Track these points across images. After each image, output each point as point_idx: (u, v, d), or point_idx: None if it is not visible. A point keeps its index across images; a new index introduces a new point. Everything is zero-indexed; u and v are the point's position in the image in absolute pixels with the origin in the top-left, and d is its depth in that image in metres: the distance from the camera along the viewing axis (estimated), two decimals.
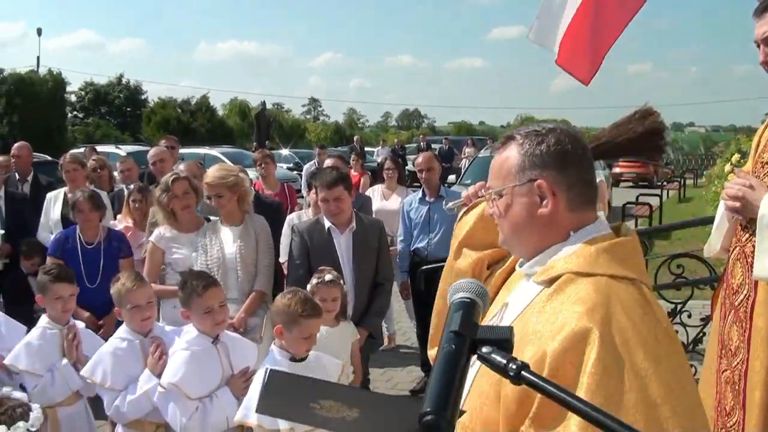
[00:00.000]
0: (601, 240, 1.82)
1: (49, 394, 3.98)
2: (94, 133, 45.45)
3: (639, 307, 1.72)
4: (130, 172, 7.57)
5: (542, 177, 1.84)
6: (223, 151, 23.82)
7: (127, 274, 3.98)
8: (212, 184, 5.07)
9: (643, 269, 1.86)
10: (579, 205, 1.86)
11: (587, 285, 1.73)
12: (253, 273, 5.15)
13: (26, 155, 8.15)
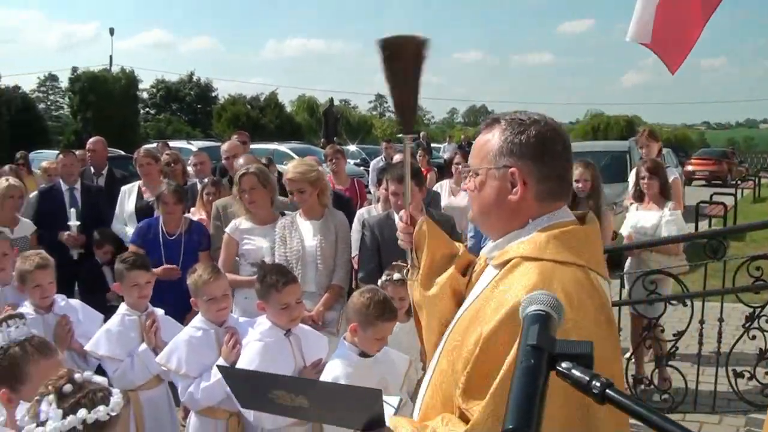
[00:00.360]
0: (556, 227, 1.89)
1: (129, 378, 4.09)
2: (166, 128, 46.44)
3: (583, 291, 1.79)
4: (203, 165, 7.71)
5: (516, 165, 1.92)
6: (291, 146, 24.07)
7: (204, 265, 4.05)
8: (294, 180, 5.11)
9: (596, 257, 1.91)
10: (547, 197, 1.94)
11: (532, 268, 1.82)
12: (332, 267, 5.17)
13: (101, 149, 8.38)
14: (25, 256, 4.45)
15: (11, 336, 2.52)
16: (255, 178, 5.28)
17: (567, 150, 1.99)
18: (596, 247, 1.96)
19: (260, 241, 5.28)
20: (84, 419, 2.01)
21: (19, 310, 4.02)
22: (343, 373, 3.38)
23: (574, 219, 1.96)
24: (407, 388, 3.77)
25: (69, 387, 2.07)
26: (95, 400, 2.06)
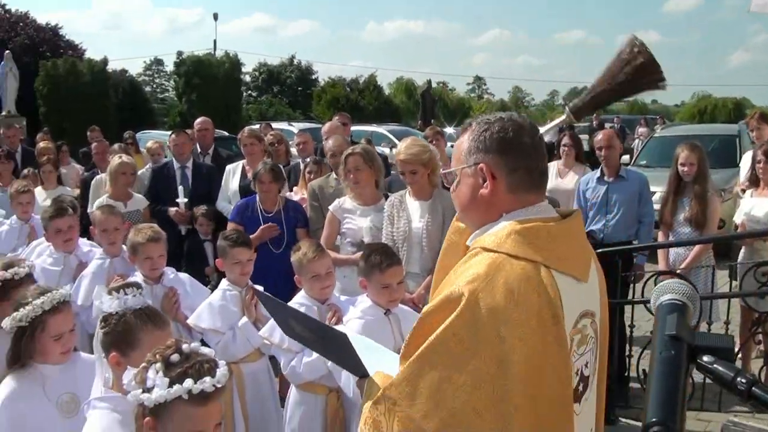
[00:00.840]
0: (525, 222, 1.96)
1: (231, 351, 4.17)
2: (267, 111, 47.33)
3: (529, 286, 1.86)
4: (305, 145, 7.78)
5: (484, 160, 2.02)
6: (389, 128, 24.10)
7: (308, 243, 4.07)
8: (407, 161, 5.06)
9: (555, 254, 1.95)
10: (519, 188, 2.02)
11: (484, 260, 1.92)
12: (437, 249, 5.09)
13: (210, 130, 8.56)
14: (138, 228, 4.60)
15: (127, 303, 2.59)
16: (360, 158, 5.27)
17: (535, 142, 2.06)
18: (565, 244, 2.00)
19: (361, 221, 5.29)
20: (189, 389, 2.03)
21: (128, 281, 4.17)
22: None
23: (549, 216, 2.03)
24: None
25: (176, 356, 2.09)
26: (201, 371, 2.08)
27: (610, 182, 6.40)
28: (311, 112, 46.43)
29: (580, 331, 2.02)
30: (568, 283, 1.95)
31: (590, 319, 2.08)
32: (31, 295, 2.96)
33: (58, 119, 28.21)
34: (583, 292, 2.04)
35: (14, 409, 2.85)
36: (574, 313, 1.99)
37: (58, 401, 2.92)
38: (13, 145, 9.70)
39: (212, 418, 2.11)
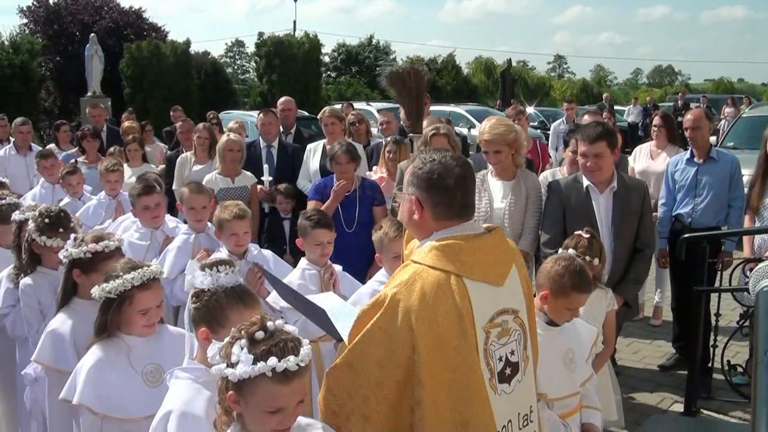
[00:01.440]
0: (446, 240, 2.45)
1: (309, 330, 4.15)
2: (346, 91, 47.45)
3: (440, 291, 2.35)
4: (389, 125, 7.75)
5: (415, 194, 2.53)
6: (468, 108, 23.88)
7: (390, 223, 4.03)
8: (492, 140, 4.97)
9: (467, 265, 2.42)
10: (441, 217, 2.50)
11: (410, 269, 2.44)
12: (519, 231, 5.02)
13: (292, 109, 8.61)
14: (225, 205, 4.65)
15: (219, 281, 2.61)
16: (445, 139, 5.21)
17: (459, 181, 2.50)
18: (479, 256, 2.47)
19: None
20: (273, 367, 2.04)
21: (214, 256, 4.25)
22: None
23: (469, 233, 2.49)
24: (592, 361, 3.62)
25: (261, 334, 2.10)
26: (285, 350, 2.08)
27: (700, 164, 6.16)
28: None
29: (499, 326, 2.51)
30: (481, 288, 2.45)
31: (512, 315, 2.56)
32: (122, 268, 3.01)
33: (142, 100, 28.99)
34: (499, 294, 2.52)
35: (100, 377, 2.92)
36: (489, 312, 2.47)
37: (143, 371, 2.99)
38: (99, 125, 9.97)
39: (294, 396, 2.12)
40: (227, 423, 2.17)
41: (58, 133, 10.25)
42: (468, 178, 2.55)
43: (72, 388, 2.96)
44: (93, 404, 2.90)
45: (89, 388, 2.91)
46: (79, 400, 2.90)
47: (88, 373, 2.93)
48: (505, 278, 2.55)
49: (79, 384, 2.92)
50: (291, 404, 2.12)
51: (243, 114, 17.91)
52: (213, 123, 10.97)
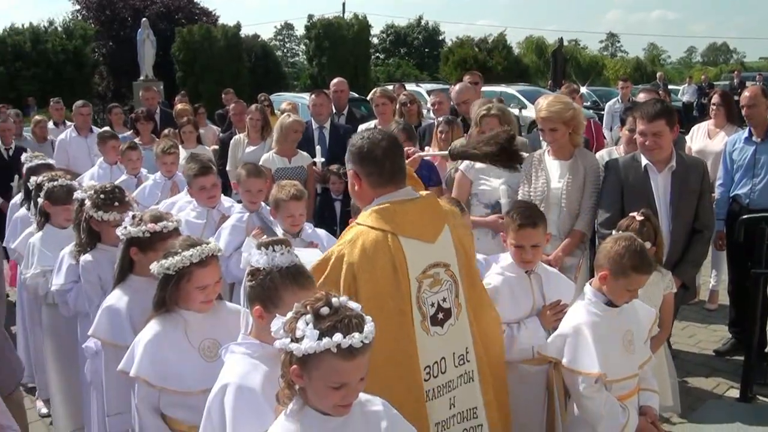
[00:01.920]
0: (381, 205, 2.90)
1: None
2: (395, 72, 47.39)
3: (377, 247, 2.81)
4: (441, 105, 7.70)
5: (353, 169, 3.00)
6: (519, 89, 23.64)
7: (446, 201, 3.98)
8: (548, 118, 4.90)
9: (401, 225, 2.86)
10: (376, 185, 2.95)
11: (353, 230, 2.90)
12: (576, 212, 4.93)
13: (345, 91, 8.62)
14: (282, 185, 4.69)
15: (275, 261, 2.61)
16: (497, 120, 5.15)
17: (385, 152, 2.92)
18: (412, 217, 2.91)
19: (495, 182, 5.18)
20: (339, 344, 2.05)
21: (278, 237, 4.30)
22: (587, 321, 3.23)
23: (403, 198, 2.94)
24: None
25: (326, 309, 2.11)
26: (350, 326, 2.09)
27: (758, 143, 5.97)
28: (438, 73, 46.10)
29: (431, 277, 2.94)
30: (414, 244, 2.89)
31: (443, 268, 2.99)
32: (181, 245, 3.06)
33: (193, 84, 29.36)
34: (431, 249, 2.95)
35: (158, 352, 2.98)
36: (421, 264, 2.91)
37: (200, 346, 3.04)
38: (152, 107, 10.09)
39: (357, 373, 2.13)
40: (289, 396, 2.19)
41: (110, 116, 10.42)
42: (393, 148, 2.98)
43: (130, 360, 3.03)
44: (150, 376, 2.96)
45: (147, 361, 2.97)
46: (136, 373, 2.97)
47: (145, 346, 2.99)
48: (437, 236, 2.98)
49: (137, 357, 2.99)
50: (354, 380, 2.14)
51: (294, 96, 18.00)
52: (265, 105, 11.04)
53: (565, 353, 3.24)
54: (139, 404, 3.04)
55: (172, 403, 3.00)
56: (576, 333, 3.22)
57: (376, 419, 2.32)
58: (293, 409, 2.19)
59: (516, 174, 5.22)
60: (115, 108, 10.61)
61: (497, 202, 5.14)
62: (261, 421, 2.38)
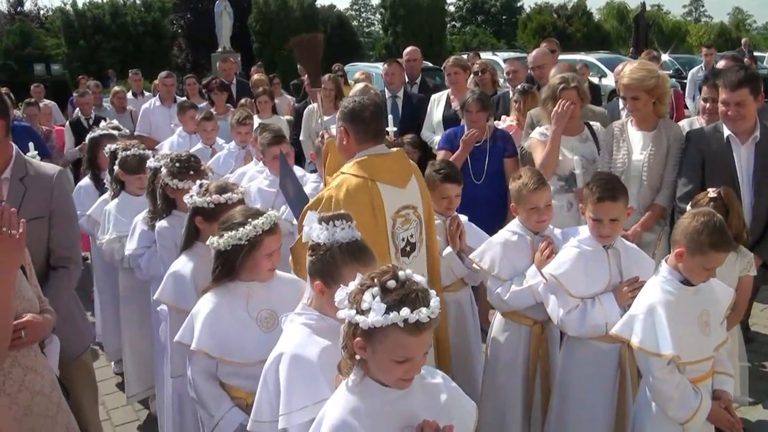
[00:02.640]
0: (362, 157, 3.52)
1: None
2: (471, 41, 46.87)
3: (359, 190, 3.43)
4: (516, 74, 7.55)
5: (344, 125, 3.59)
6: (599, 56, 22.94)
7: (530, 173, 3.90)
8: (629, 85, 4.73)
9: (378, 173, 3.49)
10: (361, 141, 3.57)
11: (339, 178, 3.51)
12: (657, 185, 4.77)
13: (418, 60, 8.52)
14: None
15: (335, 236, 2.59)
16: (575, 92, 5.00)
17: (372, 115, 3.57)
18: (387, 167, 3.56)
19: (569, 153, 5.05)
20: (406, 318, 2.03)
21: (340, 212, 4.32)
22: (661, 299, 3.07)
23: (380, 153, 3.59)
24: None
25: (393, 283, 2.09)
26: (417, 301, 2.06)
27: None
28: (516, 41, 45.34)
29: (403, 216, 3.61)
30: (389, 189, 3.53)
31: (412, 209, 3.66)
32: (242, 215, 3.08)
33: (270, 54, 29.61)
34: (402, 194, 3.61)
35: (217, 324, 3.01)
36: (395, 206, 3.56)
37: (258, 316, 3.05)
38: (228, 78, 10.24)
39: (422, 347, 2.11)
40: (350, 367, 2.19)
41: (186, 87, 10.61)
42: (378, 112, 3.66)
43: (188, 332, 3.07)
44: (210, 349, 3.00)
45: (206, 333, 3.00)
46: (196, 346, 3.01)
47: (205, 319, 3.02)
48: (406, 183, 3.66)
49: (197, 330, 3.02)
50: (418, 355, 2.12)
51: (368, 66, 17.96)
52: (338, 75, 11.05)
53: (638, 333, 3.09)
54: (195, 375, 3.09)
55: (230, 372, 3.05)
56: (650, 312, 3.08)
57: (436, 392, 2.30)
58: (354, 380, 2.19)
59: (590, 144, 5.10)
60: (189, 79, 10.79)
61: (571, 173, 5.01)
62: (314, 391, 2.41)
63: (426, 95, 7.71)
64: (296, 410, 2.44)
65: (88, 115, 9.08)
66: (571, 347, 3.63)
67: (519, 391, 3.88)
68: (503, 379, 3.93)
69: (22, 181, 3.48)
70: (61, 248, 3.58)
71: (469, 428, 2.38)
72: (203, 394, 3.07)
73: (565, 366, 3.67)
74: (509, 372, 3.89)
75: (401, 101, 7.57)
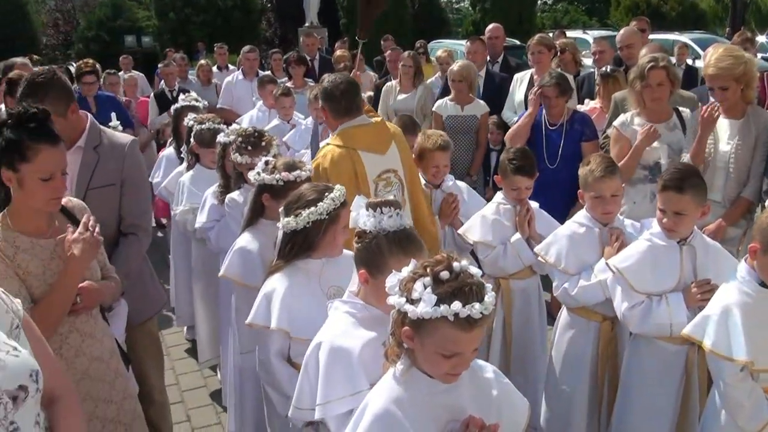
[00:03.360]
0: (343, 129, 4.07)
1: (500, 265, 4.11)
2: (562, 19, 45.77)
3: (342, 158, 3.97)
4: (602, 54, 7.30)
5: (323, 105, 4.19)
6: (693, 37, 21.98)
7: (599, 161, 3.69)
8: (717, 75, 4.42)
9: (359, 142, 4.02)
10: (338, 116, 4.11)
11: (325, 147, 4.10)
12: (744, 177, 4.49)
13: (500, 37, 8.33)
14: (428, 134, 4.60)
15: (382, 224, 2.51)
16: (664, 72, 4.73)
17: (342, 93, 4.05)
18: (367, 136, 4.07)
19: (657, 143, 4.81)
20: (457, 312, 1.94)
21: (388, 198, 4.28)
22: (737, 301, 2.84)
23: (360, 123, 4.08)
24: None
25: (446, 274, 2.00)
26: (471, 295, 1.96)
27: None
28: (608, 19, 44.03)
29: (384, 179, 4.08)
30: (369, 156, 4.03)
31: (393, 173, 4.13)
32: (314, 191, 3.04)
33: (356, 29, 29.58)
34: (383, 159, 4.09)
35: (295, 302, 2.97)
36: (376, 170, 4.06)
37: (328, 293, 3.01)
38: (311, 53, 10.28)
39: (472, 343, 2.02)
40: (398, 354, 2.12)
41: (271, 62, 10.70)
42: (349, 90, 4.07)
43: (261, 313, 3.02)
44: (291, 329, 2.95)
45: (285, 313, 2.95)
46: (277, 325, 2.95)
47: (282, 298, 2.97)
48: (386, 149, 4.13)
49: (275, 309, 2.96)
50: (468, 350, 2.03)
51: (453, 43, 17.74)
52: (419, 52, 10.93)
53: (711, 335, 2.87)
54: (273, 357, 3.03)
55: (301, 352, 2.90)
56: (724, 314, 2.85)
57: (486, 387, 2.22)
58: (401, 369, 2.12)
59: (677, 132, 4.85)
60: (275, 54, 10.85)
61: (656, 163, 4.78)
62: (353, 383, 2.37)
63: (508, 74, 7.52)
64: (334, 400, 2.41)
65: (171, 87, 9.29)
66: (637, 346, 3.44)
67: (585, 390, 3.71)
68: (569, 377, 3.75)
69: (95, 149, 3.59)
70: (132, 216, 3.66)
71: (521, 426, 2.29)
72: (280, 376, 3.01)
73: (629, 366, 3.49)
74: (576, 370, 3.72)
75: (483, 80, 7.41)
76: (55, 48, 34.98)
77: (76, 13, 35.93)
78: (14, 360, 1.89)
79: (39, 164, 2.66)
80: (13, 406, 1.85)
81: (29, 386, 1.90)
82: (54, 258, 2.79)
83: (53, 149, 2.70)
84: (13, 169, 2.67)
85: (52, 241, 2.81)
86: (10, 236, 2.74)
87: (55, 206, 2.83)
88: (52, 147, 2.70)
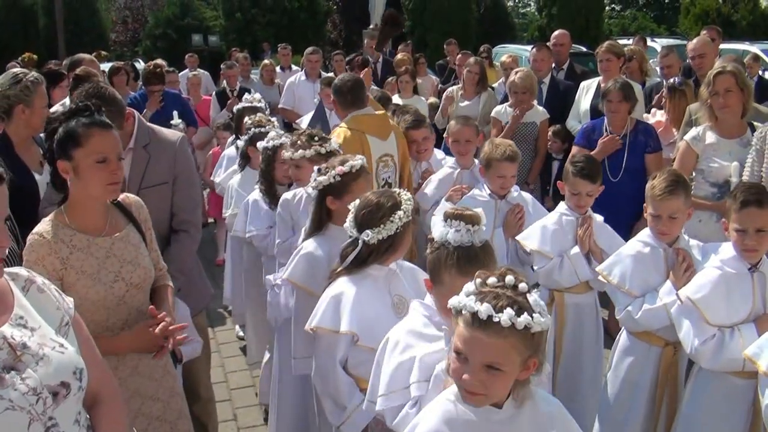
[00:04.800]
0: (352, 116, 4.87)
1: (554, 278, 3.98)
2: (630, 25, 45.01)
3: (352, 138, 4.69)
4: (670, 69, 7.02)
5: (334, 99, 5.07)
6: (763, 47, 21.35)
7: (665, 177, 3.49)
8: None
9: (367, 127, 4.81)
10: (346, 108, 4.93)
11: (337, 130, 4.81)
12: None
13: (566, 44, 8.12)
14: (496, 144, 4.46)
15: (447, 236, 2.43)
16: (733, 78, 4.55)
17: (349, 89, 4.89)
18: (371, 122, 4.84)
19: (726, 157, 4.62)
20: (476, 311, 1.89)
21: (473, 191, 4.46)
22: None
23: (367, 113, 4.88)
24: None
25: (494, 280, 1.95)
26: (524, 307, 1.90)
27: None
28: (677, 27, 43.12)
29: (384, 161, 4.82)
30: (374, 140, 4.78)
31: (390, 157, 4.88)
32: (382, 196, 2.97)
33: (421, 33, 29.53)
34: (384, 144, 4.84)
35: (364, 308, 2.87)
36: (379, 152, 4.79)
37: (392, 301, 2.94)
38: (373, 56, 10.28)
39: (482, 351, 1.93)
40: None
41: (333, 63, 10.75)
42: (354, 87, 4.89)
43: (328, 317, 2.91)
44: (363, 338, 2.85)
45: (355, 318, 2.85)
46: (348, 328, 2.84)
47: (353, 303, 2.87)
48: (387, 136, 4.87)
49: (345, 314, 2.86)
50: (475, 359, 1.94)
51: (518, 48, 17.50)
52: (483, 57, 10.81)
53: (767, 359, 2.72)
54: (338, 364, 2.92)
55: (361, 361, 2.88)
56: None
57: (546, 422, 2.08)
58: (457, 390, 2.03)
59: (748, 149, 4.65)
60: (337, 55, 10.89)
61: (726, 181, 4.60)
62: (413, 379, 2.42)
63: (574, 82, 7.35)
64: (398, 390, 2.42)
65: (233, 87, 9.37)
66: (705, 379, 3.25)
67: (641, 415, 3.56)
68: (626, 402, 3.60)
69: (145, 148, 3.62)
70: (183, 212, 3.68)
71: None
72: (341, 384, 2.90)
73: (694, 398, 3.31)
74: (633, 395, 3.57)
75: (546, 87, 7.24)
76: (123, 45, 35.73)
77: (145, 11, 36.63)
78: (59, 356, 1.91)
79: (92, 146, 2.65)
80: (53, 402, 1.87)
81: (72, 383, 1.91)
82: (110, 257, 2.77)
83: (105, 132, 2.69)
84: (68, 158, 2.66)
85: (108, 239, 2.79)
86: (67, 235, 2.71)
87: (113, 192, 2.77)
88: (103, 130, 2.69)
